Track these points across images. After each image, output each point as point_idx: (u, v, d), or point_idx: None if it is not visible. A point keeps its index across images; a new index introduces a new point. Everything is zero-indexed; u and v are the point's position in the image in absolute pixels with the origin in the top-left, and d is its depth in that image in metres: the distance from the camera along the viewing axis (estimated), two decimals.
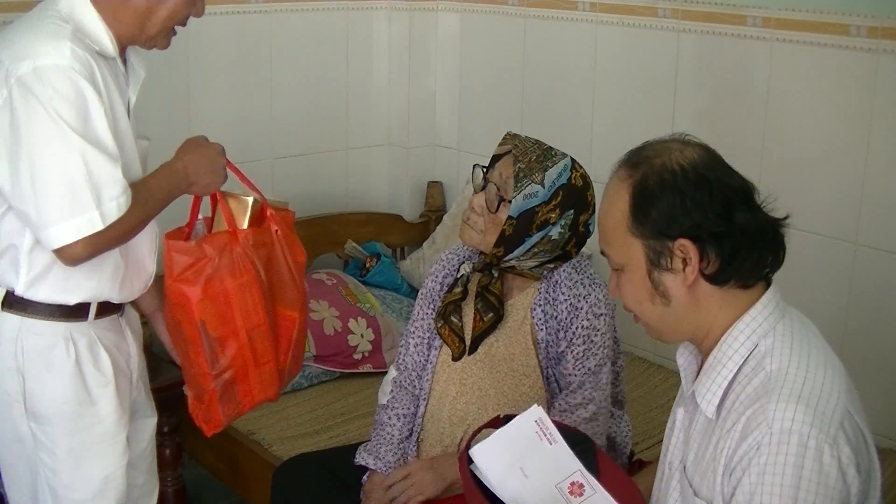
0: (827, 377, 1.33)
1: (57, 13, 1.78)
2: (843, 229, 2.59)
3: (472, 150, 3.50)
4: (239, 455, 2.66)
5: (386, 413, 2.20)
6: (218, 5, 3.05)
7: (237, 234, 1.92)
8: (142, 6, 1.81)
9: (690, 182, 1.35)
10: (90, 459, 1.94)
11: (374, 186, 3.66)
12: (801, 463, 1.26)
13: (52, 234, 1.72)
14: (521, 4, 3.29)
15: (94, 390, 1.91)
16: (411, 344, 2.21)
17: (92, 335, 1.91)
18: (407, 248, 3.62)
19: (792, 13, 2.61)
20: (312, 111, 3.42)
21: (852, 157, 2.55)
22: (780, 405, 1.29)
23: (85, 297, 1.88)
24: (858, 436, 1.31)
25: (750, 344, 1.38)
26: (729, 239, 1.36)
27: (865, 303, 2.58)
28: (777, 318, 1.39)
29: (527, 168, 1.95)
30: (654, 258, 1.38)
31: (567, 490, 1.56)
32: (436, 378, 2.14)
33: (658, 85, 2.93)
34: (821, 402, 1.29)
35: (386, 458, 2.14)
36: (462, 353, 2.09)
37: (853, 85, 2.52)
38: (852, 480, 1.27)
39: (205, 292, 1.87)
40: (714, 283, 1.38)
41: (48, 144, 1.70)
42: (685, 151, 1.39)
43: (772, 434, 1.27)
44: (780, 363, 1.35)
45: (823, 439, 1.26)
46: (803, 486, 1.25)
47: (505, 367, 2.06)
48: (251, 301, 1.92)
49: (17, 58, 1.70)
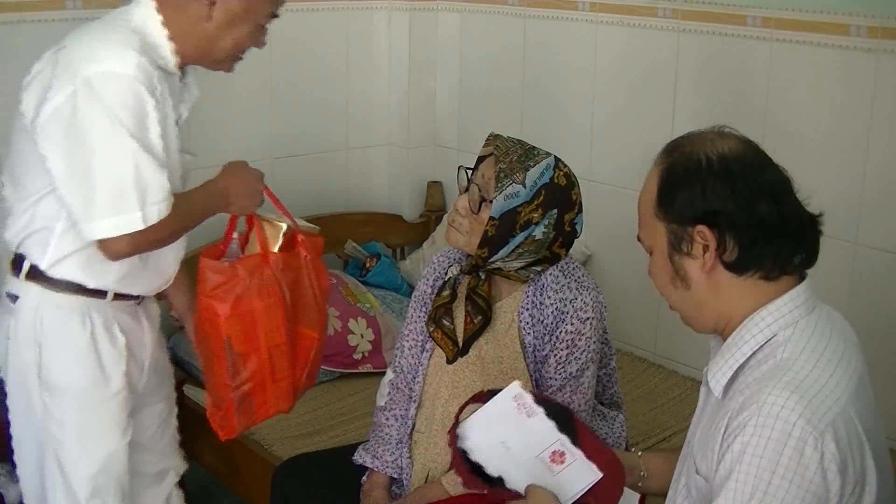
0: (834, 375, 1.34)
1: (128, 23, 1.88)
2: (843, 229, 2.59)
3: (472, 150, 3.47)
4: (239, 455, 2.65)
5: (384, 414, 2.21)
6: None
7: (268, 258, 2.02)
8: (210, 32, 1.91)
9: (713, 171, 1.39)
10: (96, 435, 2.01)
11: (374, 186, 3.66)
12: (781, 449, 1.26)
13: (94, 228, 1.82)
14: (521, 4, 3.29)
15: (108, 366, 1.99)
16: (405, 347, 2.21)
17: (108, 314, 2.00)
18: (407, 248, 3.63)
19: (792, 13, 2.61)
20: (312, 111, 3.42)
21: (852, 158, 2.55)
22: (774, 390, 1.30)
23: (102, 285, 1.96)
24: (853, 440, 1.30)
25: (769, 332, 1.39)
26: (747, 229, 1.38)
27: (865, 303, 2.58)
28: (803, 313, 1.41)
29: (508, 168, 1.95)
30: (676, 242, 1.43)
31: (549, 459, 1.63)
32: (428, 381, 2.14)
33: (658, 85, 2.93)
34: (818, 396, 1.30)
35: (384, 458, 2.15)
36: (456, 356, 2.09)
37: (853, 85, 2.52)
38: (832, 479, 1.27)
39: (233, 310, 1.97)
40: (733, 272, 1.41)
41: (104, 144, 1.79)
42: (717, 142, 1.43)
43: (759, 416, 1.28)
44: (790, 353, 1.36)
45: (809, 431, 1.26)
46: (779, 472, 1.26)
47: (495, 370, 2.05)
48: (275, 321, 2.02)
49: (86, 60, 1.79)
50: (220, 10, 1.89)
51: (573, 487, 1.61)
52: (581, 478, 1.62)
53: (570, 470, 1.63)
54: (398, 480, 2.16)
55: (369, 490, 2.14)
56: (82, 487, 2.00)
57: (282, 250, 2.05)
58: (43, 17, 2.76)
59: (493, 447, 1.66)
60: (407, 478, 2.13)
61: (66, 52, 1.84)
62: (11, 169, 1.96)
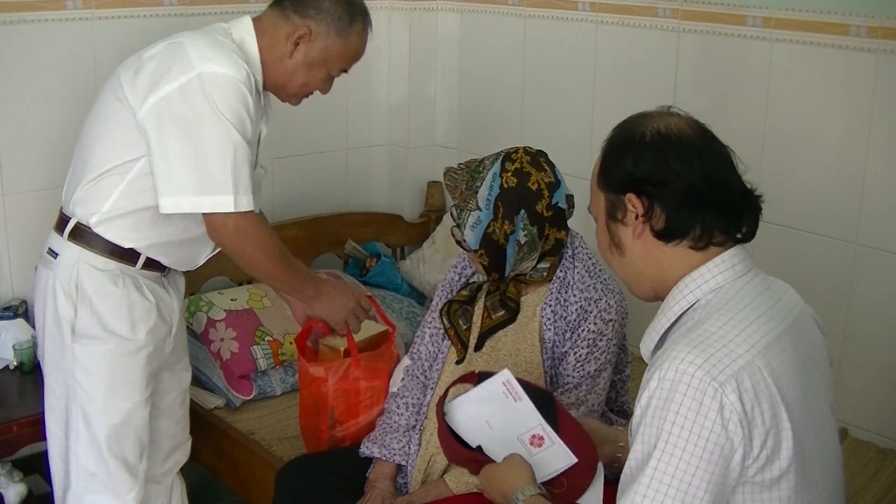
0: (745, 332, 1.39)
1: (230, 38, 2.11)
2: (843, 229, 2.59)
3: (472, 151, 3.49)
4: (239, 455, 2.65)
5: (395, 401, 2.23)
6: (218, 5, 3.05)
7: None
8: (289, 68, 2.16)
9: (646, 143, 1.47)
10: (121, 385, 2.15)
11: (374, 186, 3.66)
12: (681, 399, 1.32)
13: (178, 202, 2.00)
14: (521, 4, 3.29)
15: (138, 322, 2.15)
16: (427, 334, 2.25)
17: (138, 278, 2.16)
18: (407, 248, 3.63)
19: (792, 13, 2.61)
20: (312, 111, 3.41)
21: (852, 157, 2.55)
22: (678, 348, 1.36)
23: (137, 246, 2.12)
24: (761, 392, 1.35)
25: (692, 297, 1.46)
26: (674, 198, 1.44)
27: (865, 303, 2.58)
28: (729, 277, 1.46)
29: (461, 201, 2.02)
30: (612, 210, 1.51)
31: (528, 441, 1.76)
32: (444, 368, 2.17)
33: (658, 85, 2.93)
34: (721, 350, 1.35)
35: (391, 446, 2.16)
36: (463, 358, 2.12)
37: (853, 85, 2.52)
38: (734, 429, 1.32)
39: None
40: (661, 240, 1.47)
41: (211, 130, 1.98)
42: (658, 120, 1.50)
43: (661, 370, 1.35)
44: (705, 315, 1.42)
45: (708, 382, 1.32)
46: (678, 422, 1.32)
47: (510, 362, 2.07)
48: None
49: (204, 59, 2.00)
50: (303, 52, 2.14)
51: (547, 469, 1.71)
52: (556, 461, 1.72)
53: (547, 453, 1.73)
54: (403, 470, 2.16)
55: (375, 480, 2.15)
56: (104, 436, 2.14)
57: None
58: (43, 17, 2.76)
59: (478, 424, 1.79)
60: (412, 464, 2.14)
61: (186, 48, 2.02)
62: (85, 143, 2.14)
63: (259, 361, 2.83)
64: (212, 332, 2.85)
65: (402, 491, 2.15)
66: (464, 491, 2.02)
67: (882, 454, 2.54)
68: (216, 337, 2.83)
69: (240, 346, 2.83)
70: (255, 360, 2.82)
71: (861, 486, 2.38)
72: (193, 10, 3.03)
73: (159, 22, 2.98)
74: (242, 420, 2.73)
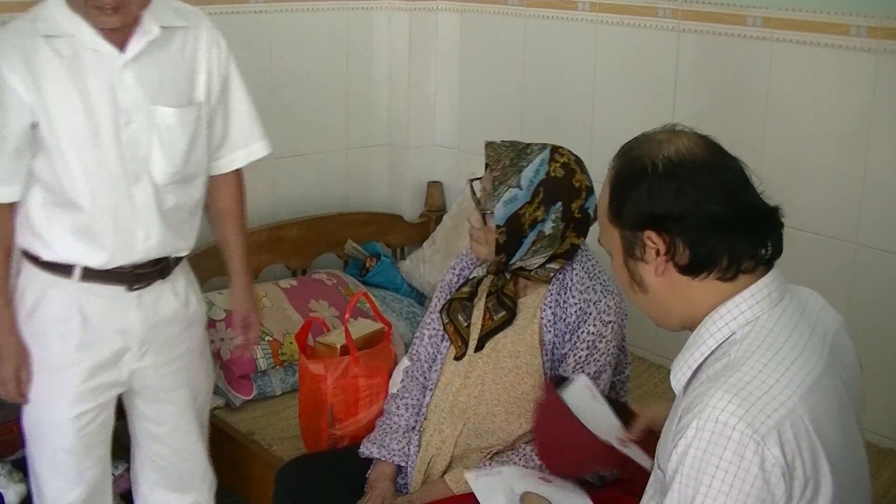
0: (786, 375, 1.31)
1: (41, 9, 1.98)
2: (843, 229, 2.59)
3: (472, 150, 3.50)
4: (239, 455, 2.65)
5: (394, 402, 2.23)
6: (218, 5, 3.05)
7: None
8: None
9: (659, 175, 1.37)
10: (39, 395, 2.11)
11: (374, 186, 3.66)
12: (721, 453, 1.25)
13: None
14: (521, 4, 3.29)
15: (54, 343, 2.07)
16: (426, 335, 2.25)
17: (75, 295, 2.05)
18: (407, 248, 3.62)
19: (792, 13, 2.61)
20: (312, 111, 3.42)
21: (852, 157, 2.55)
22: (718, 392, 1.28)
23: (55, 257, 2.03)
24: (802, 441, 1.28)
25: (727, 330, 1.37)
26: (697, 231, 1.36)
27: (865, 303, 2.58)
28: (765, 308, 1.38)
29: (501, 174, 1.98)
30: (629, 248, 1.42)
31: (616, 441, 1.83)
32: (444, 369, 2.17)
33: (658, 85, 2.93)
34: (763, 398, 1.27)
35: (391, 447, 2.16)
36: (464, 354, 2.11)
37: (853, 85, 2.52)
38: (776, 483, 1.25)
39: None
40: (686, 275, 1.39)
41: None
42: (665, 144, 1.40)
43: (700, 419, 1.27)
44: (744, 352, 1.34)
45: (750, 434, 1.24)
46: (718, 476, 1.25)
47: (509, 364, 2.07)
48: None
49: None
50: None
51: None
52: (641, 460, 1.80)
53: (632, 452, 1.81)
54: (403, 471, 2.16)
55: (375, 481, 2.15)
56: (31, 451, 2.16)
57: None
58: None
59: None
60: (412, 465, 2.14)
61: None
62: None
63: (259, 361, 2.83)
64: (211, 332, 2.84)
65: (402, 491, 2.15)
66: (464, 491, 2.02)
67: (882, 454, 2.54)
68: (216, 337, 2.83)
69: None
70: (255, 360, 2.82)
71: None
72: None
73: None
74: (242, 420, 2.73)
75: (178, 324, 2.18)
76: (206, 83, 2.10)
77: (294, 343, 2.71)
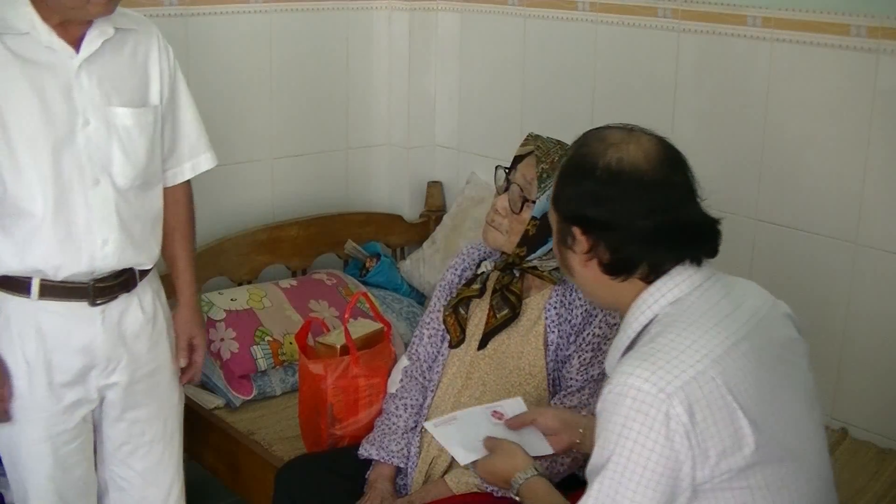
0: (698, 342, 1.40)
1: None
2: (843, 229, 2.59)
3: (472, 150, 3.50)
4: (239, 455, 2.65)
5: (393, 402, 2.22)
6: (218, 5, 3.05)
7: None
8: None
9: (598, 179, 1.46)
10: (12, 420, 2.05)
11: (374, 186, 3.66)
12: (627, 412, 1.34)
13: None
14: (521, 4, 3.29)
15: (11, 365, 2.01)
16: (425, 335, 2.24)
17: (33, 313, 1.99)
18: (407, 248, 3.62)
19: (792, 13, 2.60)
20: (312, 111, 3.42)
21: (852, 157, 2.55)
22: (630, 360, 1.39)
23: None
24: (717, 401, 1.36)
25: (650, 313, 1.47)
26: (619, 240, 1.46)
27: (865, 303, 2.58)
28: (688, 287, 1.46)
29: (550, 168, 1.98)
30: (562, 235, 1.53)
31: (491, 415, 1.87)
32: (445, 370, 2.16)
33: (658, 85, 2.93)
34: (672, 362, 1.36)
35: (390, 448, 2.16)
36: (460, 342, 2.11)
37: (853, 85, 2.52)
38: (680, 442, 1.33)
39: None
40: (608, 275, 1.49)
41: None
42: (618, 147, 1.47)
43: (611, 384, 1.38)
44: (661, 329, 1.43)
45: (655, 393, 1.33)
46: (624, 433, 1.35)
47: (512, 365, 2.07)
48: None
49: None
50: None
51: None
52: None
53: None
54: (402, 472, 2.16)
55: (374, 481, 2.14)
56: (10, 476, 2.10)
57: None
58: None
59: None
60: (413, 466, 2.14)
61: None
62: None
63: (259, 361, 2.83)
64: (212, 332, 2.84)
65: (402, 492, 2.15)
66: (464, 491, 2.02)
67: (882, 454, 2.54)
68: (216, 337, 2.83)
69: (240, 346, 2.83)
70: (255, 360, 2.82)
71: (861, 486, 2.38)
72: (193, 10, 3.02)
73: (159, 22, 2.96)
74: (242, 420, 2.73)
75: (145, 340, 2.13)
76: (158, 88, 2.07)
77: (294, 343, 2.71)
